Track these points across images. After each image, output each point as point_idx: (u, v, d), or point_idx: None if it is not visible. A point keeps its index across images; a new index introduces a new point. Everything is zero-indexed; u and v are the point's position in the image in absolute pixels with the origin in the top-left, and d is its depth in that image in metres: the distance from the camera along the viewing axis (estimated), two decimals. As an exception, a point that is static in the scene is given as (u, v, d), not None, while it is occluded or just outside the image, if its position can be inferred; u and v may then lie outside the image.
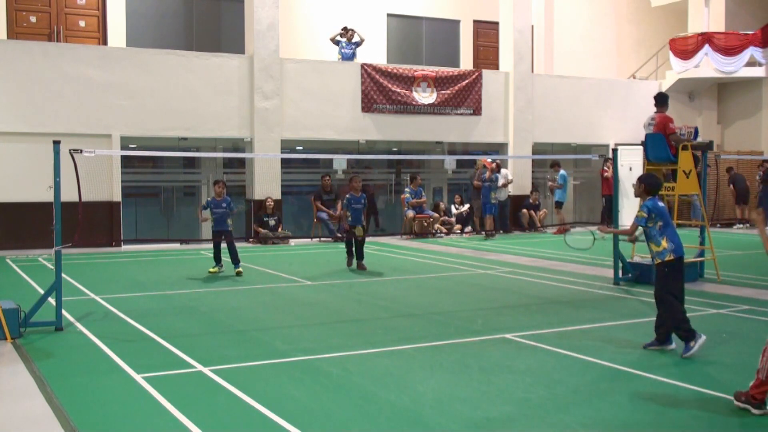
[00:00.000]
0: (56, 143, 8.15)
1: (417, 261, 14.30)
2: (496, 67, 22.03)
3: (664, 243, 6.89)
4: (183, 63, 17.23)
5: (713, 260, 11.55)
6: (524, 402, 5.57)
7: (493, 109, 20.65)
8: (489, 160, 18.79)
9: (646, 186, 7.15)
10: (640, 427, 5.10)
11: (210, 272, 12.30)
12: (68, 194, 8.80)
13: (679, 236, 7.04)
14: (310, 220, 18.62)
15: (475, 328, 8.18)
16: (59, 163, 8.10)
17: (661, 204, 7.03)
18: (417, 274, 12.54)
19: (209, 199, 12.59)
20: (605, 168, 20.62)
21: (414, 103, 19.50)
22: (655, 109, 11.61)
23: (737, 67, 22.52)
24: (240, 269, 12.14)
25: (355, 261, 12.85)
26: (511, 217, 20.35)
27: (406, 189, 19.01)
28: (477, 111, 20.37)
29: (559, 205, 20.40)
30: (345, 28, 19.85)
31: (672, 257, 6.88)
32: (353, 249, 12.89)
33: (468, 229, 19.69)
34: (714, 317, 8.78)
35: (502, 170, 19.79)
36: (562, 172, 20.27)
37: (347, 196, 12.94)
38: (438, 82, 19.77)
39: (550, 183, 20.56)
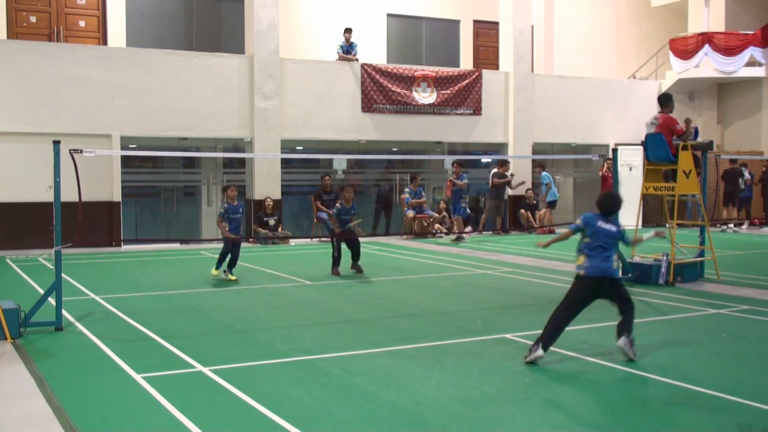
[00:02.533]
0: (56, 143, 8.15)
1: (417, 261, 14.30)
2: (496, 67, 22.03)
3: (581, 259, 6.76)
4: (183, 63, 17.23)
5: (713, 260, 11.55)
6: (524, 402, 5.57)
7: (493, 109, 20.65)
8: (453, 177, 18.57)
9: (598, 205, 6.97)
10: (640, 427, 5.10)
11: (214, 275, 11.97)
12: (68, 194, 8.80)
13: (606, 261, 6.70)
14: (310, 220, 18.61)
15: (475, 328, 8.18)
16: (59, 163, 8.10)
17: (601, 224, 6.77)
18: (417, 274, 12.54)
19: (226, 205, 12.04)
20: (605, 169, 20.66)
21: (414, 103, 19.49)
22: (659, 108, 11.58)
23: (737, 67, 22.52)
24: (234, 277, 11.79)
25: (349, 263, 12.62)
26: (511, 217, 20.36)
27: (406, 189, 19.01)
28: (477, 111, 20.37)
29: (552, 204, 20.39)
30: (347, 29, 19.68)
31: (582, 273, 6.74)
32: (340, 255, 12.40)
33: (468, 229, 19.69)
34: (714, 317, 8.78)
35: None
36: (544, 173, 20.29)
37: (337, 205, 12.46)
38: (438, 82, 19.76)
39: (543, 196, 20.47)
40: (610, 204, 6.91)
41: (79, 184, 8.74)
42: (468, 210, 18.95)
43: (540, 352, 6.54)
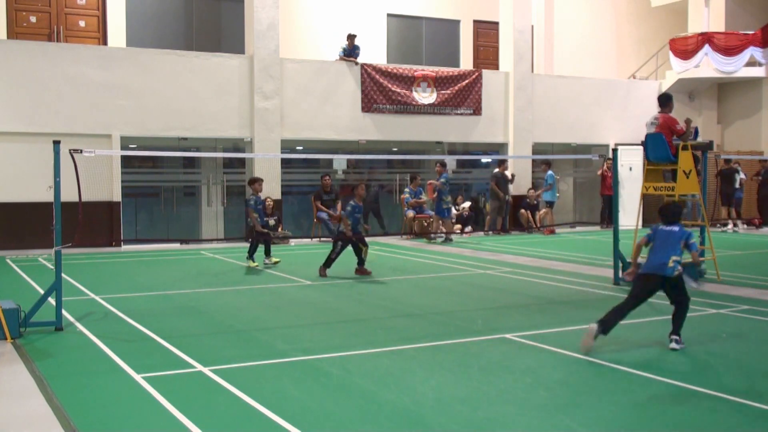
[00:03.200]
0: (56, 143, 8.14)
1: (417, 261, 14.30)
2: (496, 67, 22.03)
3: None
4: (183, 63, 17.23)
5: (713, 260, 11.55)
6: (524, 402, 5.57)
7: (493, 109, 20.65)
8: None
9: (660, 215, 7.51)
10: (640, 427, 5.10)
11: (252, 266, 12.99)
12: (68, 194, 8.80)
13: (659, 258, 7.08)
14: (310, 220, 18.61)
15: (475, 328, 8.18)
16: (59, 163, 8.10)
17: (662, 227, 7.30)
18: (417, 274, 12.53)
19: (254, 197, 13.32)
20: (605, 168, 20.68)
21: (414, 103, 19.50)
22: (659, 108, 11.58)
23: (737, 67, 22.52)
24: (276, 259, 13.39)
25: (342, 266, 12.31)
26: (511, 217, 20.36)
27: (406, 189, 19.00)
28: (477, 111, 20.37)
29: (550, 204, 20.44)
30: (350, 35, 19.50)
31: (640, 270, 7.28)
32: (337, 258, 12.10)
33: (468, 229, 19.71)
34: (714, 317, 8.78)
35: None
36: (550, 172, 20.29)
37: (351, 203, 12.14)
38: (438, 82, 19.77)
39: (540, 191, 20.44)
40: (668, 213, 7.41)
41: (79, 184, 8.74)
42: (453, 210, 18.79)
43: (597, 329, 6.86)
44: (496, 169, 19.69)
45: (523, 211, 20.20)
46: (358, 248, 12.25)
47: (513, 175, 19.85)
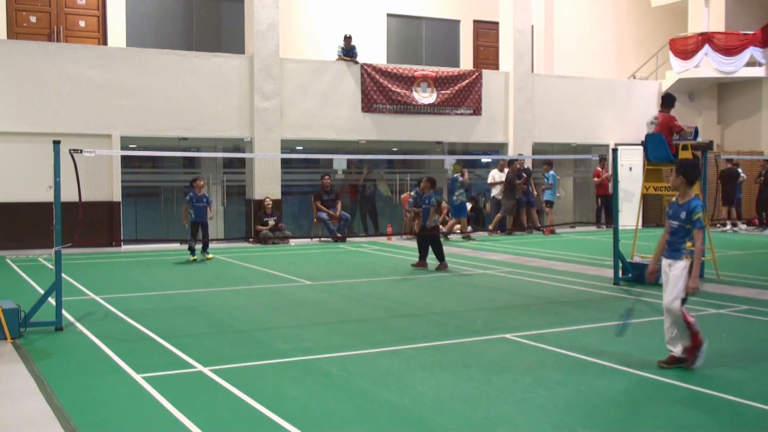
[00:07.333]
0: (56, 143, 8.15)
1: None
2: (496, 67, 22.03)
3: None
4: (183, 63, 17.23)
5: (713, 260, 11.55)
6: (524, 402, 5.57)
7: (493, 109, 20.65)
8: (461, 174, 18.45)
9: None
10: (641, 428, 5.10)
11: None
12: (68, 194, 8.80)
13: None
14: (310, 220, 18.62)
15: (475, 328, 8.18)
16: (59, 163, 8.10)
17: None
18: (417, 274, 12.53)
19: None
20: (601, 168, 20.69)
21: (414, 103, 19.49)
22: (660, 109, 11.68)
23: (737, 67, 22.52)
24: None
25: (423, 263, 12.93)
26: (513, 216, 20.31)
27: (412, 193, 18.91)
28: (477, 111, 20.37)
29: (549, 204, 20.43)
30: (346, 36, 19.51)
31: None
32: (426, 250, 12.91)
33: (469, 228, 19.67)
34: (714, 317, 8.77)
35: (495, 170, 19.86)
36: (551, 171, 20.28)
37: (412, 193, 13.08)
38: (438, 82, 19.76)
39: (543, 187, 20.45)
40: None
41: (79, 184, 8.74)
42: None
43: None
44: (506, 170, 19.59)
45: (533, 209, 20.10)
46: (435, 245, 12.84)
47: (527, 169, 19.78)
